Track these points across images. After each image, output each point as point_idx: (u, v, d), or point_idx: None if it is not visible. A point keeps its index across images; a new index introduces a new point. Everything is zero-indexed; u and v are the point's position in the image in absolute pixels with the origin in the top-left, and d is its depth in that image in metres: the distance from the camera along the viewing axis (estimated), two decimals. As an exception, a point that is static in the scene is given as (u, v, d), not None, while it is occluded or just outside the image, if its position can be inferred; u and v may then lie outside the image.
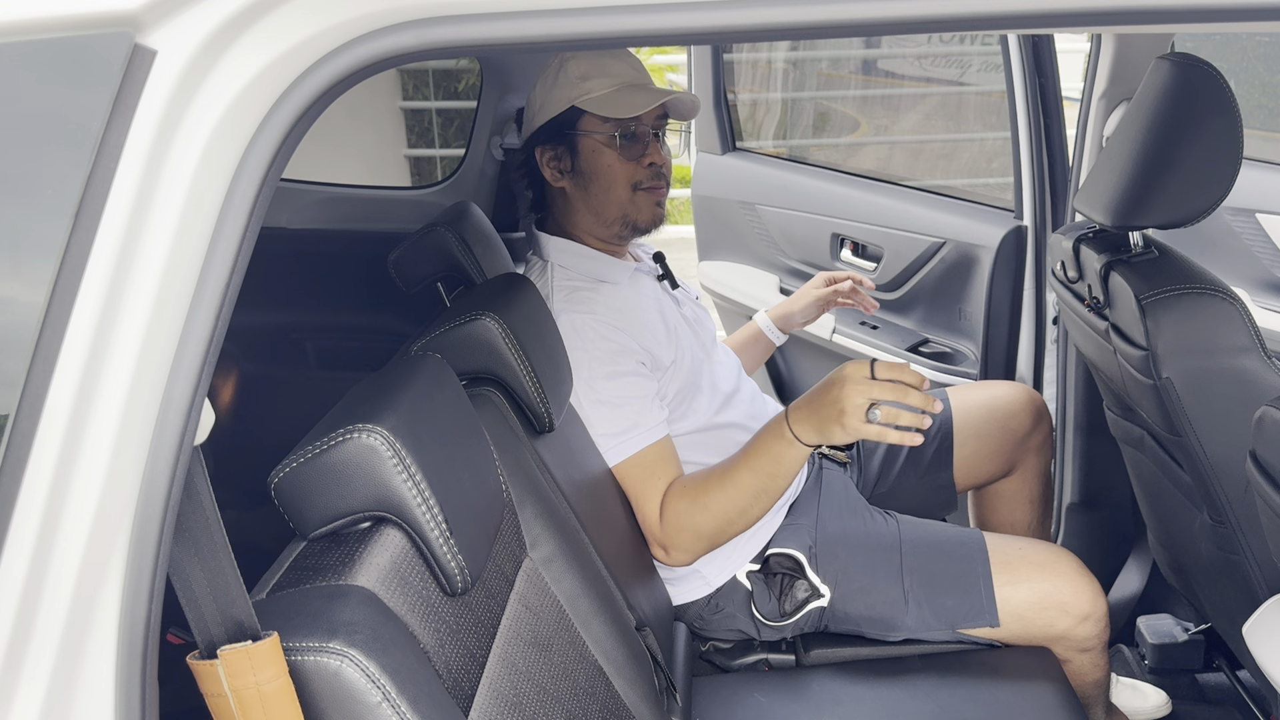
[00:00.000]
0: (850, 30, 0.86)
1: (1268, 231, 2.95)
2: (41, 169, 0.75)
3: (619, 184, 1.80)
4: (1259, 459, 1.35)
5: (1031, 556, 1.82)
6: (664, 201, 1.85)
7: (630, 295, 1.81)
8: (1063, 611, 1.78)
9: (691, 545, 1.72)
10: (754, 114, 3.79)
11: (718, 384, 1.92)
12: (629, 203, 1.81)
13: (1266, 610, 1.38)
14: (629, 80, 1.80)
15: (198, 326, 0.79)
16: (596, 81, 1.78)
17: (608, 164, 1.79)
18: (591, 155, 1.80)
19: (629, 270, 1.85)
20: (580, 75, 1.78)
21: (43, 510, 0.75)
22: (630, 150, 1.79)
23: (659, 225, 1.86)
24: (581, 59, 1.79)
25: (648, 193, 1.81)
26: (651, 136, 1.81)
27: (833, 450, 2.12)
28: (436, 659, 1.09)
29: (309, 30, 0.80)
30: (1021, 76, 2.41)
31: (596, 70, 1.78)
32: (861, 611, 1.81)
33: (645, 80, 1.83)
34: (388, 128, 3.10)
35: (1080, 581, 1.79)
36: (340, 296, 2.65)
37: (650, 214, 1.83)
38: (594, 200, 1.82)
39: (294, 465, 1.09)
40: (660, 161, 1.82)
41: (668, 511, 1.72)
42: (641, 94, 1.78)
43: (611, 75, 1.79)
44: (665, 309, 1.87)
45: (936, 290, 2.70)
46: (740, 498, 1.67)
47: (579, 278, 1.81)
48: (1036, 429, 2.21)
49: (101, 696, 0.78)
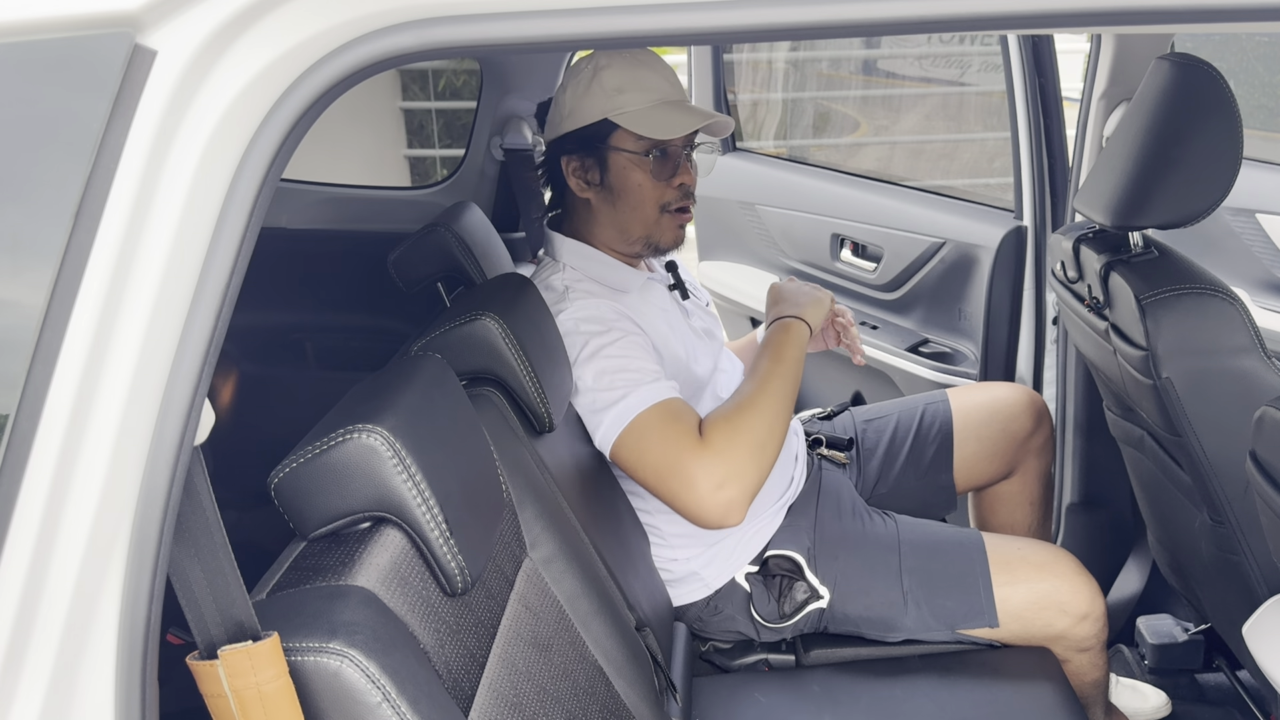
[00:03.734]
0: (850, 30, 0.86)
1: (1268, 231, 2.95)
2: (42, 169, 0.75)
3: (647, 204, 1.77)
4: (1259, 459, 1.35)
5: (1030, 556, 1.82)
6: (687, 224, 1.83)
7: (638, 304, 1.80)
8: (1061, 611, 1.78)
9: (747, 459, 1.57)
10: (754, 114, 3.79)
11: (720, 395, 1.90)
12: (654, 223, 1.79)
13: (1266, 610, 1.38)
14: (665, 96, 1.75)
15: (198, 327, 0.79)
16: (632, 95, 1.73)
17: (638, 183, 1.76)
18: (622, 172, 1.76)
19: (641, 279, 1.84)
20: (616, 87, 1.73)
21: (43, 510, 0.75)
22: (662, 170, 1.75)
23: (679, 246, 1.84)
24: (617, 68, 1.73)
25: (674, 215, 1.79)
26: (684, 156, 1.78)
27: (831, 451, 2.12)
28: (436, 659, 1.09)
29: (309, 30, 0.80)
30: (1021, 76, 2.42)
31: (632, 83, 1.73)
32: (861, 613, 1.81)
33: (682, 96, 1.79)
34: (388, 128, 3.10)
35: (1078, 581, 1.79)
36: (340, 296, 2.65)
37: (673, 236, 1.81)
38: (620, 217, 1.79)
39: (294, 465, 1.09)
40: (690, 182, 1.80)
41: (711, 435, 1.58)
42: (679, 113, 1.73)
43: (648, 90, 1.74)
44: (674, 319, 1.85)
45: (936, 290, 2.70)
46: (773, 402, 1.64)
47: (590, 281, 1.79)
48: (1037, 431, 2.21)
49: (101, 696, 0.78)
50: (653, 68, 1.76)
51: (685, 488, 1.56)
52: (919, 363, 2.68)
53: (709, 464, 1.56)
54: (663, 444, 1.59)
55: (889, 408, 2.28)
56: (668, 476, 1.58)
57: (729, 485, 1.55)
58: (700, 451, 1.57)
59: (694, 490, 1.56)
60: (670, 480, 1.58)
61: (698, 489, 1.55)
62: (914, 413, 2.22)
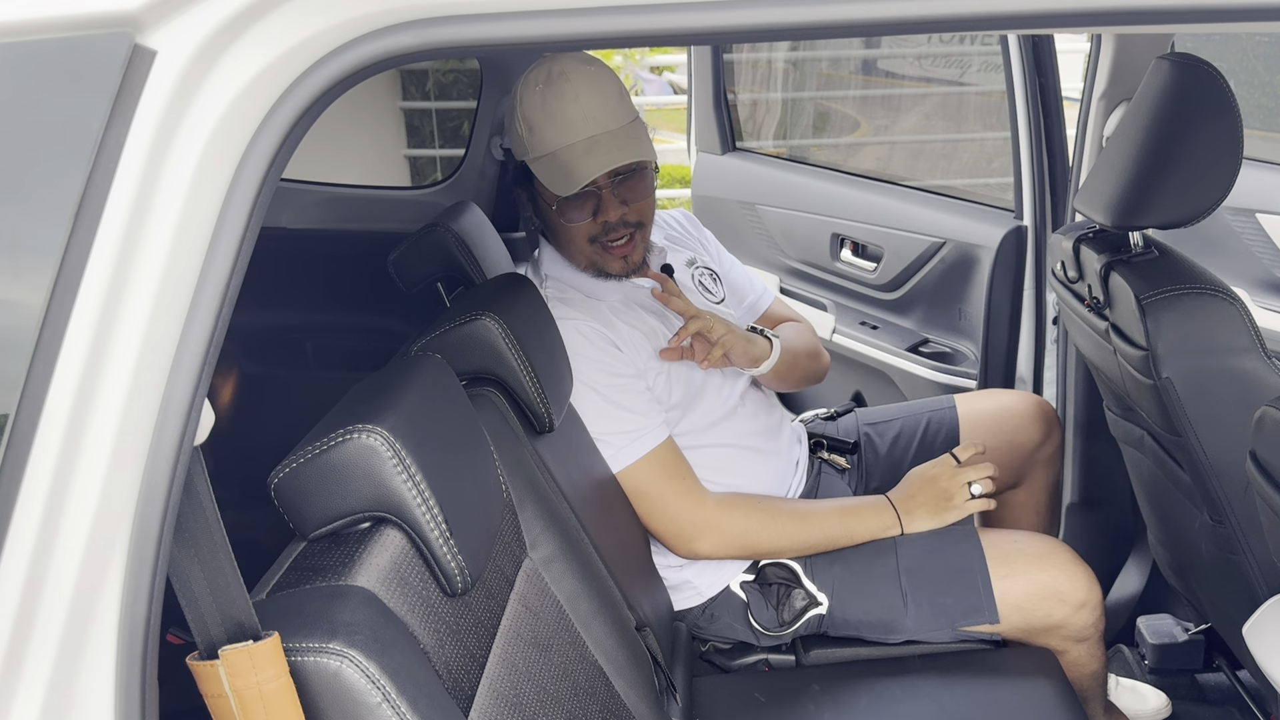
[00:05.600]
0: (850, 30, 0.86)
1: (1268, 231, 2.95)
2: (41, 169, 0.75)
3: (577, 239, 1.77)
4: (1259, 459, 1.35)
5: (1027, 548, 1.83)
6: (633, 253, 1.79)
7: (621, 309, 1.81)
8: (1060, 600, 1.77)
9: (732, 545, 1.79)
10: (754, 114, 3.79)
11: (713, 405, 1.89)
12: (593, 253, 1.79)
13: (1266, 610, 1.38)
14: (572, 137, 1.67)
15: (198, 327, 0.79)
16: (540, 137, 1.69)
17: (561, 224, 1.76)
18: (547, 210, 1.77)
19: (622, 290, 1.84)
20: (527, 128, 1.70)
21: (43, 510, 0.75)
22: (579, 214, 1.74)
23: (634, 271, 1.82)
24: (529, 105, 1.69)
25: (608, 248, 1.77)
26: (606, 192, 1.72)
27: (832, 455, 2.11)
28: (436, 659, 1.09)
29: (309, 30, 0.80)
30: (1021, 76, 2.41)
31: (542, 122, 1.68)
32: (861, 616, 1.81)
33: (600, 128, 1.68)
34: (388, 128, 3.10)
35: (1076, 571, 1.79)
36: (340, 296, 2.65)
37: (618, 265, 1.80)
38: (562, 248, 1.82)
39: (294, 465, 1.09)
40: (614, 218, 1.74)
41: (725, 511, 1.78)
42: (580, 159, 1.66)
43: (556, 128, 1.67)
44: (663, 320, 1.85)
45: (936, 290, 2.70)
46: (813, 536, 1.81)
47: (570, 289, 1.81)
48: (1046, 441, 2.17)
49: (101, 696, 0.78)
50: (568, 98, 1.67)
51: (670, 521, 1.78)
52: (919, 363, 2.68)
53: (698, 518, 1.77)
54: (662, 485, 1.77)
55: (893, 412, 2.25)
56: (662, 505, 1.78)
57: (704, 540, 1.78)
58: (690, 509, 1.77)
59: (677, 522, 1.78)
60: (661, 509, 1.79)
61: (678, 528, 1.78)
62: (919, 420, 2.19)
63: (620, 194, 1.74)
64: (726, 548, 1.79)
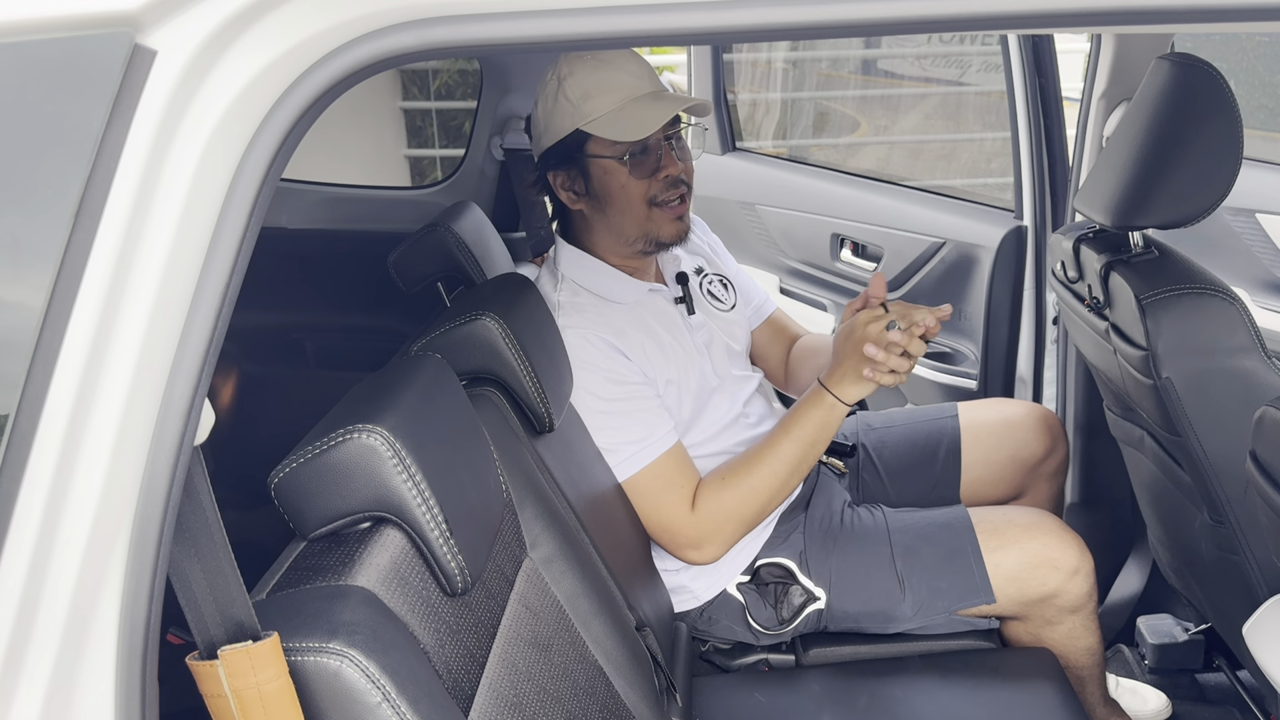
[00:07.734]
0: (850, 30, 0.86)
1: (1268, 231, 2.95)
2: (41, 170, 0.75)
3: (635, 203, 1.75)
4: (1259, 459, 1.35)
5: (1016, 519, 1.83)
6: (686, 214, 1.81)
7: (633, 317, 1.80)
8: (1053, 568, 1.77)
9: (732, 533, 1.77)
10: (754, 114, 3.79)
11: (717, 417, 1.88)
12: (647, 220, 1.77)
13: (1266, 610, 1.38)
14: (632, 93, 1.72)
15: (198, 327, 0.79)
16: (598, 101, 1.70)
17: (620, 185, 1.74)
18: (604, 178, 1.75)
19: (641, 290, 1.83)
20: (581, 95, 1.71)
21: (43, 510, 0.75)
22: (642, 167, 1.73)
23: (684, 239, 1.82)
24: (580, 75, 1.72)
25: (667, 208, 1.77)
26: (665, 147, 1.75)
27: (831, 459, 2.11)
28: (436, 659, 1.09)
29: (309, 30, 0.80)
30: (1021, 76, 2.42)
31: (597, 87, 1.71)
32: (859, 608, 1.81)
33: (650, 86, 1.75)
34: (388, 128, 3.10)
35: (1066, 537, 1.80)
36: (340, 296, 2.65)
37: (673, 229, 1.79)
38: (613, 221, 1.78)
39: (294, 465, 1.09)
40: (675, 172, 1.76)
41: (704, 506, 1.75)
42: (647, 108, 1.70)
43: (613, 90, 1.71)
44: (675, 332, 1.84)
45: (936, 290, 2.70)
46: (783, 470, 1.75)
47: (585, 293, 1.80)
48: (1051, 455, 2.11)
49: (101, 696, 0.78)
50: (617, 65, 1.73)
51: (666, 532, 1.78)
52: (919, 363, 2.67)
53: (692, 527, 1.76)
54: (660, 496, 1.76)
55: (895, 418, 2.22)
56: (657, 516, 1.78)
57: (707, 546, 1.77)
58: (684, 519, 1.76)
59: (674, 535, 1.78)
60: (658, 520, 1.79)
61: (676, 540, 1.78)
62: (921, 428, 2.15)
63: (676, 151, 1.78)
64: (729, 542, 1.78)
